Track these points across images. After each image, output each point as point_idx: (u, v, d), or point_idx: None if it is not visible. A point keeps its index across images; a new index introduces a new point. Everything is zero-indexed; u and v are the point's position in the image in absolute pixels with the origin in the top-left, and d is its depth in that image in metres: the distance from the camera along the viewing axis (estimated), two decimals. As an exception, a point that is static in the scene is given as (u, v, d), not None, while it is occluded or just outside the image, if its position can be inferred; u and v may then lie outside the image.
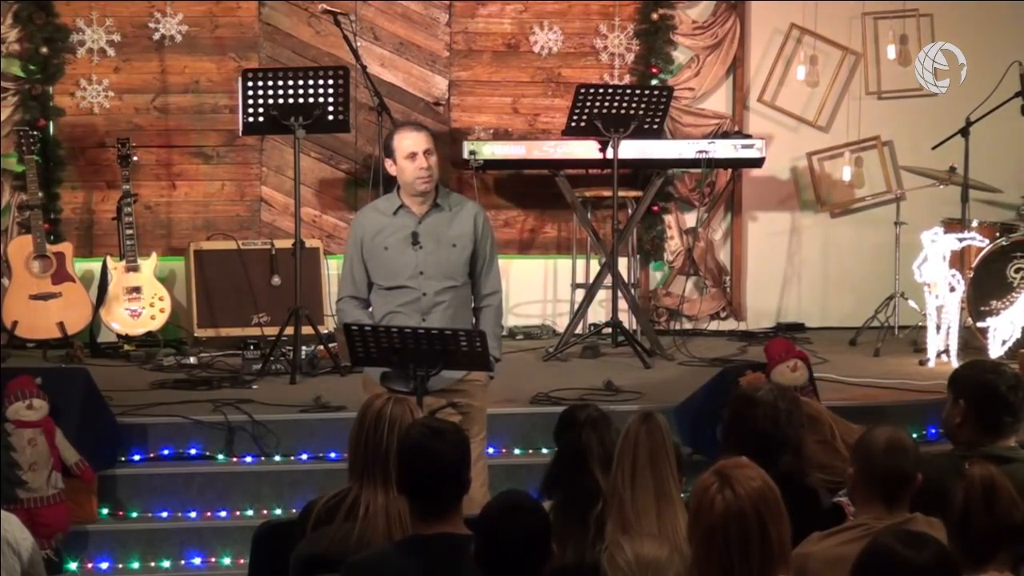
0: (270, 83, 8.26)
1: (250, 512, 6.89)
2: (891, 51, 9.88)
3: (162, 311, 8.86)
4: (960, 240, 8.58)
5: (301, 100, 8.27)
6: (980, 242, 8.68)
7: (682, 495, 4.34)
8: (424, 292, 6.16)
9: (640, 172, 9.49)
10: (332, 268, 9.21)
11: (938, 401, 5.77)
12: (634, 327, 9.15)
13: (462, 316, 6.24)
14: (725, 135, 9.56)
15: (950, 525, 3.78)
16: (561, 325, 9.44)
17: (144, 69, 9.38)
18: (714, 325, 9.89)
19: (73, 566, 6.63)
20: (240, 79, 8.40)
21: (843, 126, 9.93)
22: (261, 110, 8.27)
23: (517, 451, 7.32)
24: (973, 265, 8.72)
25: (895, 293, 9.29)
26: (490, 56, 9.73)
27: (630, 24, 9.76)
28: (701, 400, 7.15)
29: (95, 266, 9.00)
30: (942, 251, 8.46)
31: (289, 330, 8.18)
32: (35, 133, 8.85)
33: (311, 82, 8.30)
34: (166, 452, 7.11)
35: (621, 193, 8.95)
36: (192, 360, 8.52)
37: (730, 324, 9.90)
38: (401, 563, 4.11)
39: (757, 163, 9.40)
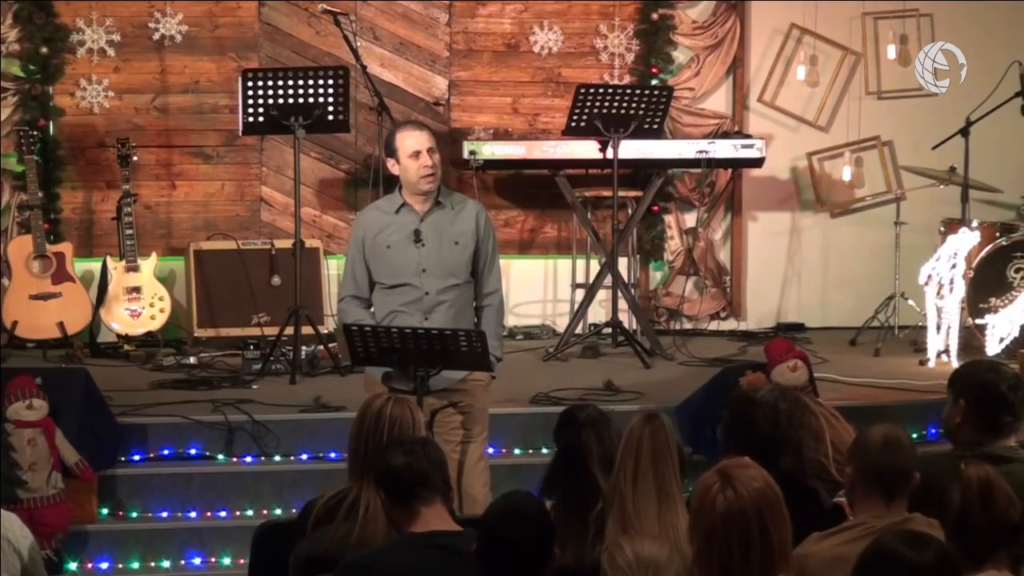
0: (270, 83, 8.26)
1: (250, 512, 6.89)
2: (891, 51, 9.87)
3: (162, 311, 8.85)
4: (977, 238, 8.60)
5: (301, 100, 8.27)
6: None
7: (683, 495, 4.34)
8: (426, 291, 6.16)
9: (640, 172, 9.49)
10: (332, 268, 9.22)
11: (938, 401, 5.77)
12: (634, 327, 9.14)
13: (464, 316, 6.23)
14: (725, 135, 9.55)
15: (947, 525, 3.78)
16: (561, 325, 9.43)
17: (144, 69, 9.38)
18: (714, 325, 9.89)
19: (73, 566, 6.63)
20: (240, 79, 8.40)
21: (843, 126, 9.92)
22: (261, 110, 8.27)
23: (517, 451, 7.31)
24: (973, 265, 8.72)
25: (895, 293, 9.29)
26: (490, 56, 9.72)
27: (630, 24, 9.75)
28: (701, 400, 7.15)
29: (95, 266, 9.00)
30: (963, 252, 8.45)
31: (289, 330, 8.18)
32: (35, 133, 8.84)
33: (311, 82, 8.30)
34: (166, 452, 7.11)
35: (621, 193, 8.94)
36: (192, 360, 8.51)
37: (730, 324, 9.89)
38: (396, 562, 4.11)
39: (757, 163, 9.39)
